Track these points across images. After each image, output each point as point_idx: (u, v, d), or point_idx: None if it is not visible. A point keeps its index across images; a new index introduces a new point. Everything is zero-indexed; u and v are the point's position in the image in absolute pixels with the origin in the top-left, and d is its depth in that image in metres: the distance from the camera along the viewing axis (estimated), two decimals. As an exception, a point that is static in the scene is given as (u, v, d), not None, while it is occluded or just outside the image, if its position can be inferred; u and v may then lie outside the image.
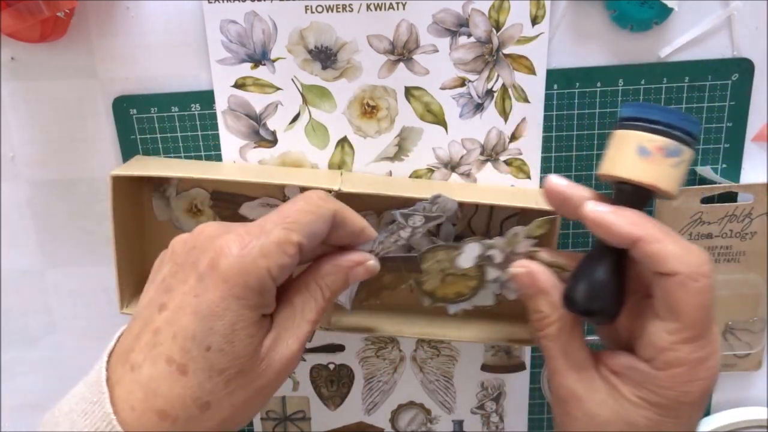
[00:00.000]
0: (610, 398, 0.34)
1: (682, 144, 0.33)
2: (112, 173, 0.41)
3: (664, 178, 0.33)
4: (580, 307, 0.35)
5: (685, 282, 0.31)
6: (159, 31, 0.43)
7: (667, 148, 0.33)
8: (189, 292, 0.30)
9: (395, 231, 0.39)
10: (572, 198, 0.35)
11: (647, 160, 0.33)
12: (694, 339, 0.32)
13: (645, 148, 0.33)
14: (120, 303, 0.44)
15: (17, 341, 0.51)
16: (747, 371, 0.49)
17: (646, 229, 0.32)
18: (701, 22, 0.42)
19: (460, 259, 0.38)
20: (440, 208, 0.39)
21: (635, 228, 0.33)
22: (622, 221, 0.33)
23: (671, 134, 0.33)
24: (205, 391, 0.29)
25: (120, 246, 0.42)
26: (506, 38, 0.42)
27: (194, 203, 0.46)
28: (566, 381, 0.36)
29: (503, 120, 0.44)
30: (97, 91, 0.44)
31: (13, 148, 0.46)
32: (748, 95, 0.43)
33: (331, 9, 0.41)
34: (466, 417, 0.52)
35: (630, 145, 0.34)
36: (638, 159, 0.33)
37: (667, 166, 0.33)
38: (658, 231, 0.32)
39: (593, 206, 0.34)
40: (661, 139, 0.33)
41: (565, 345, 0.36)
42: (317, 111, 0.44)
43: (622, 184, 0.34)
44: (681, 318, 0.32)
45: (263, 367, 0.31)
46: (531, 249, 0.38)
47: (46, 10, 0.38)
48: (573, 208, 0.35)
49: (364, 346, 0.50)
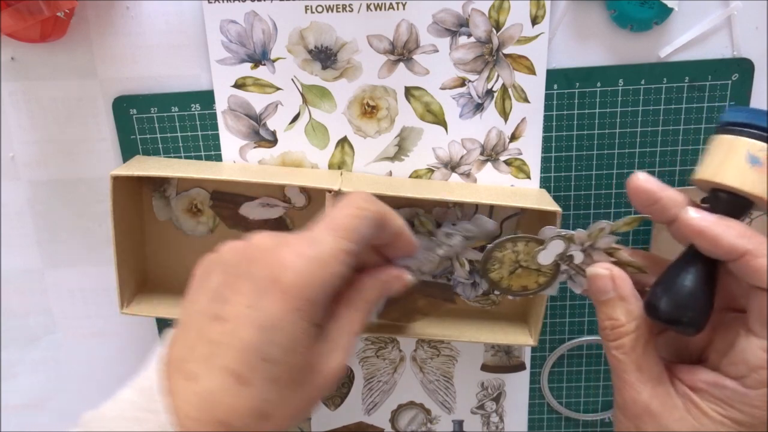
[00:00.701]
0: (689, 415, 0.33)
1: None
2: (112, 173, 0.41)
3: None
4: (665, 316, 0.33)
5: None
6: (159, 31, 0.43)
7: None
8: (249, 304, 0.30)
9: (432, 248, 0.39)
10: (664, 201, 0.33)
11: (757, 169, 0.31)
12: None
13: (756, 157, 0.31)
14: (120, 303, 0.44)
15: (17, 341, 0.51)
16: (747, 371, 0.49)
17: (752, 242, 0.31)
18: (701, 22, 0.42)
19: (542, 255, 0.37)
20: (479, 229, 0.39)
21: (743, 241, 0.31)
22: (730, 233, 0.31)
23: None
24: (264, 402, 0.30)
25: (120, 246, 0.42)
26: (506, 38, 0.42)
27: (194, 203, 0.46)
28: (641, 396, 0.34)
29: (503, 120, 0.44)
30: (97, 91, 0.44)
31: (13, 148, 0.46)
32: (748, 95, 0.43)
33: (331, 9, 0.41)
34: (466, 417, 0.52)
35: (739, 153, 0.32)
36: (748, 168, 0.32)
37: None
38: (764, 245, 0.31)
39: (695, 214, 0.32)
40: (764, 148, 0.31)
41: (640, 358, 0.34)
42: (317, 111, 0.44)
43: (720, 192, 0.33)
44: None
45: (314, 377, 0.31)
46: (612, 246, 0.36)
47: (46, 10, 0.38)
48: (663, 212, 0.33)
49: (364, 346, 0.50)
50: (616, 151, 0.45)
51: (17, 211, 0.47)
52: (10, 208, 0.47)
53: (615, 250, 0.36)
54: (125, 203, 0.43)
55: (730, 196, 0.32)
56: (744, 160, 0.32)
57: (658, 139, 0.44)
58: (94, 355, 0.51)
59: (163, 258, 0.47)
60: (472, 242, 0.38)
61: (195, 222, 0.47)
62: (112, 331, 0.50)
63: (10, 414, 0.53)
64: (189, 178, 0.44)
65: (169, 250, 0.47)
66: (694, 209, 0.33)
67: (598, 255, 0.36)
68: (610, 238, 0.36)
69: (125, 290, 0.44)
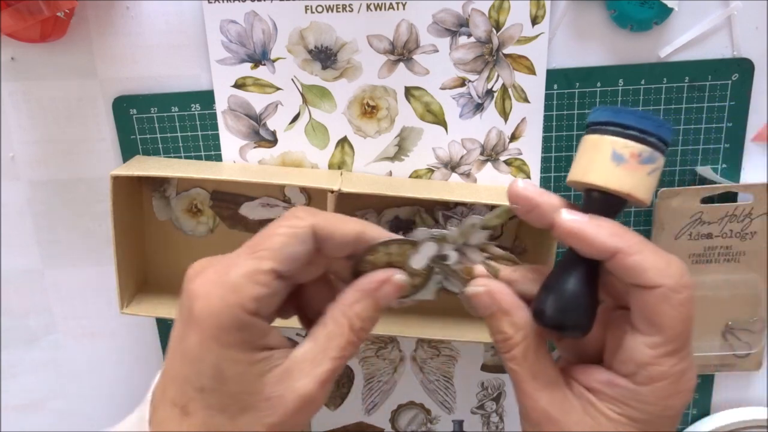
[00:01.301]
0: (587, 416, 0.33)
1: (656, 151, 0.32)
2: (112, 173, 0.41)
3: (640, 186, 0.32)
4: (551, 321, 0.33)
5: (667, 295, 0.30)
6: (159, 31, 0.43)
7: (643, 155, 0.31)
8: (177, 336, 0.30)
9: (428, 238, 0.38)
10: (542, 206, 0.33)
11: (623, 167, 0.32)
12: (676, 351, 0.31)
13: (620, 155, 0.32)
14: (120, 303, 0.43)
15: (17, 341, 0.51)
16: (747, 371, 0.49)
17: (624, 240, 0.31)
18: (701, 22, 0.42)
19: (414, 259, 0.36)
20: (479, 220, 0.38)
21: (615, 239, 0.31)
22: (602, 232, 0.31)
23: (646, 140, 0.31)
24: (210, 429, 0.30)
25: (120, 246, 0.42)
26: (506, 38, 0.42)
27: (194, 203, 0.46)
28: (538, 404, 0.34)
29: (503, 120, 0.44)
30: (97, 91, 0.44)
31: (13, 148, 0.45)
32: (748, 95, 0.43)
33: (331, 9, 0.41)
34: (466, 417, 0.52)
35: (604, 152, 0.32)
36: (613, 166, 0.32)
37: (643, 174, 0.32)
38: (638, 242, 0.31)
39: (568, 215, 0.32)
40: (636, 146, 0.31)
41: (533, 366, 0.34)
42: (317, 111, 0.44)
43: (592, 191, 0.33)
44: (664, 331, 0.31)
45: (272, 403, 0.30)
46: (484, 242, 0.36)
47: (46, 10, 0.38)
48: (542, 216, 0.33)
49: (364, 346, 0.50)
50: (616, 151, 0.45)
51: (17, 211, 0.47)
52: (10, 208, 0.47)
53: (487, 246, 0.36)
54: (125, 203, 0.43)
55: (601, 195, 0.32)
56: (609, 159, 0.32)
57: (658, 139, 0.44)
58: (94, 355, 0.51)
59: (163, 258, 0.47)
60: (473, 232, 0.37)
61: (195, 222, 0.47)
62: (112, 331, 0.50)
63: (10, 414, 0.53)
64: (189, 178, 0.44)
65: (169, 250, 0.47)
66: (568, 211, 0.32)
67: (471, 253, 0.36)
68: (482, 233, 0.36)
69: (125, 290, 0.44)
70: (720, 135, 0.44)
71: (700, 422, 0.51)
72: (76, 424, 0.53)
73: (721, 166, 0.45)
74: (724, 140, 0.44)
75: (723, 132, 0.44)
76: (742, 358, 0.48)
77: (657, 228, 0.45)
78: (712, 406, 0.51)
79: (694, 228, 0.45)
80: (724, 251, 0.45)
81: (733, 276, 0.46)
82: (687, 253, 0.45)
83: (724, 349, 0.48)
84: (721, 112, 0.44)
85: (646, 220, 0.46)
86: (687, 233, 0.45)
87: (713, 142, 0.45)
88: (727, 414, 0.50)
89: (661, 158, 0.32)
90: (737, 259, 0.46)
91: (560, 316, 0.33)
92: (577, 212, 0.32)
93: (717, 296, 0.46)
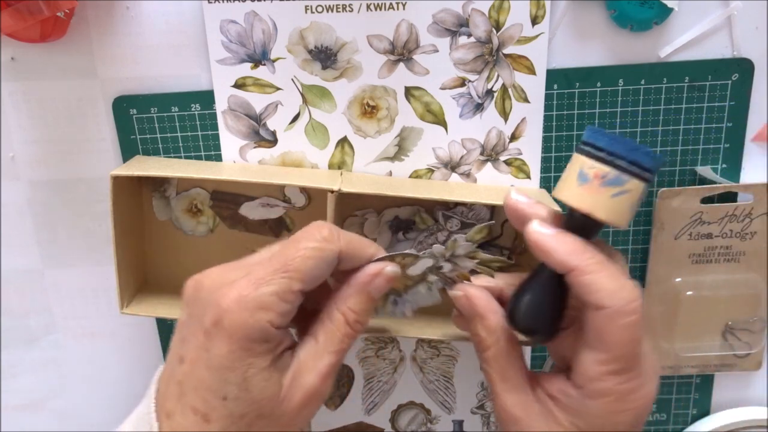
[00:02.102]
0: (545, 422, 0.35)
1: (625, 174, 0.32)
2: (112, 173, 0.41)
3: (601, 207, 0.32)
4: (517, 325, 0.35)
5: (613, 316, 0.32)
6: (159, 31, 0.43)
7: (607, 177, 0.32)
8: (200, 346, 0.31)
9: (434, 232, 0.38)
10: (528, 216, 0.35)
11: (584, 186, 0.33)
12: (622, 371, 0.32)
13: (585, 175, 0.33)
14: (120, 303, 0.43)
15: (17, 341, 0.51)
16: (747, 371, 0.49)
17: (581, 259, 0.32)
18: (701, 22, 0.42)
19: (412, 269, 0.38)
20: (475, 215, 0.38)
21: (571, 257, 0.33)
22: (561, 248, 0.33)
23: (613, 163, 0.32)
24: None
25: (120, 246, 0.42)
26: (506, 38, 0.42)
27: (194, 203, 0.46)
28: (505, 404, 0.36)
29: (503, 120, 0.44)
30: (97, 91, 0.44)
31: (13, 148, 0.46)
32: (748, 95, 0.43)
33: (331, 9, 0.41)
34: (466, 417, 0.52)
35: (574, 170, 0.33)
36: (577, 185, 0.33)
37: (604, 195, 0.32)
38: (595, 263, 0.32)
39: (537, 227, 0.34)
40: (599, 167, 0.32)
41: (503, 368, 0.36)
42: (317, 111, 0.44)
43: (572, 208, 0.34)
44: (609, 350, 0.32)
45: (285, 405, 0.32)
46: (471, 250, 0.37)
47: (46, 10, 0.38)
48: None
49: (364, 346, 0.50)
50: (616, 151, 0.45)
51: (17, 211, 0.47)
52: (10, 208, 0.47)
53: (476, 253, 0.37)
54: (125, 203, 0.43)
55: (577, 212, 0.33)
56: (575, 177, 0.33)
57: (658, 139, 0.44)
58: (94, 355, 0.51)
59: (163, 258, 0.47)
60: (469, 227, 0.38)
61: (195, 222, 0.47)
62: (112, 331, 0.50)
63: (10, 414, 0.53)
64: (189, 178, 0.44)
65: (169, 250, 0.47)
66: (539, 223, 0.34)
67: (461, 261, 0.37)
68: (467, 245, 0.37)
69: (125, 290, 0.44)
70: (720, 135, 0.44)
71: (700, 422, 0.51)
72: (76, 424, 0.53)
73: (721, 166, 0.45)
74: (724, 140, 0.44)
75: (723, 132, 0.44)
76: (742, 358, 0.48)
77: (657, 228, 0.45)
78: (712, 406, 0.51)
79: (694, 228, 0.45)
80: (724, 251, 0.45)
81: (733, 276, 0.46)
82: (687, 253, 0.45)
83: (724, 349, 0.48)
84: (721, 112, 0.44)
85: (646, 221, 0.46)
86: (687, 233, 0.45)
87: (713, 142, 0.45)
88: (727, 414, 0.50)
89: (632, 182, 0.32)
90: (737, 259, 0.46)
91: (525, 321, 0.35)
92: (547, 226, 0.34)
93: (717, 296, 0.46)
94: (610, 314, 0.32)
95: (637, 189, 0.33)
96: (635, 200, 0.33)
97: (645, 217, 0.46)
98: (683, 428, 0.52)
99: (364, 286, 0.35)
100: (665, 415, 0.51)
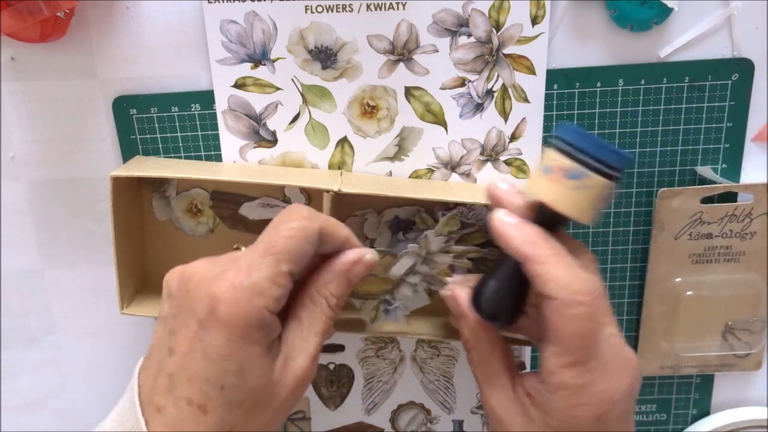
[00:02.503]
0: (522, 420, 0.35)
1: (587, 169, 0.33)
2: (111, 174, 0.41)
3: (560, 199, 0.33)
4: (478, 309, 0.36)
5: (560, 308, 0.32)
6: (159, 31, 0.43)
7: (568, 170, 0.33)
8: (194, 337, 0.31)
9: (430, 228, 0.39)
10: (503, 204, 0.35)
11: (547, 177, 0.33)
12: (576, 364, 0.33)
13: (548, 166, 0.34)
14: (120, 303, 0.43)
15: (17, 341, 0.51)
16: (747, 371, 0.49)
17: (537, 249, 0.33)
18: (701, 22, 0.42)
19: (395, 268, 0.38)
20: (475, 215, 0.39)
21: (527, 246, 0.33)
22: (519, 237, 0.34)
23: (576, 157, 0.33)
24: (227, 425, 0.31)
25: (120, 246, 0.42)
26: (506, 38, 0.42)
27: (194, 203, 0.46)
28: (489, 404, 0.37)
29: (503, 120, 0.44)
30: (97, 91, 0.44)
31: (13, 148, 0.46)
32: (748, 95, 0.43)
33: (331, 9, 0.41)
34: (466, 417, 0.52)
35: (540, 162, 0.34)
36: (541, 176, 0.34)
37: (565, 187, 0.33)
38: (551, 254, 0.33)
39: (500, 215, 0.35)
40: (562, 159, 0.33)
41: (486, 368, 0.37)
42: (317, 111, 0.44)
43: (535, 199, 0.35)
44: (560, 342, 0.33)
45: (279, 389, 0.32)
46: (444, 246, 0.38)
47: (46, 10, 0.38)
48: None
49: (364, 346, 0.50)
50: (616, 151, 0.45)
51: (17, 211, 0.47)
52: (10, 208, 0.47)
53: (449, 248, 0.38)
54: (125, 204, 0.43)
55: (540, 204, 0.34)
56: (540, 169, 0.34)
57: (658, 139, 0.44)
58: (94, 355, 0.51)
59: (163, 258, 0.47)
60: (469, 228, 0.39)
61: (195, 222, 0.47)
62: (112, 331, 0.50)
63: (10, 414, 0.53)
64: (189, 178, 0.44)
65: (169, 250, 0.47)
66: (505, 212, 0.35)
67: (439, 257, 0.38)
68: (439, 240, 0.38)
69: (125, 291, 0.44)
70: (720, 135, 0.44)
71: (700, 422, 0.51)
72: (76, 424, 0.53)
73: (721, 166, 0.45)
74: (724, 140, 0.44)
75: (723, 132, 0.44)
76: (742, 358, 0.48)
77: (657, 228, 0.45)
78: (712, 406, 0.51)
79: (694, 228, 0.45)
80: (724, 251, 0.45)
81: (733, 276, 0.46)
82: (687, 253, 0.45)
83: (724, 349, 0.48)
84: (721, 112, 0.44)
85: (646, 221, 0.46)
86: (687, 233, 0.45)
87: (713, 142, 0.45)
88: (727, 414, 0.50)
89: (594, 177, 0.33)
90: (737, 259, 0.46)
91: (485, 306, 0.36)
92: (512, 215, 0.35)
93: (717, 296, 0.46)
94: (558, 305, 0.32)
95: (599, 185, 0.33)
96: (597, 196, 0.33)
97: (645, 217, 0.46)
98: (683, 428, 0.52)
99: (345, 273, 0.35)
100: (665, 415, 0.51)
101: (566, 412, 0.33)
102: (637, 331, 0.48)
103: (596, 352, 0.33)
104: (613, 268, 0.47)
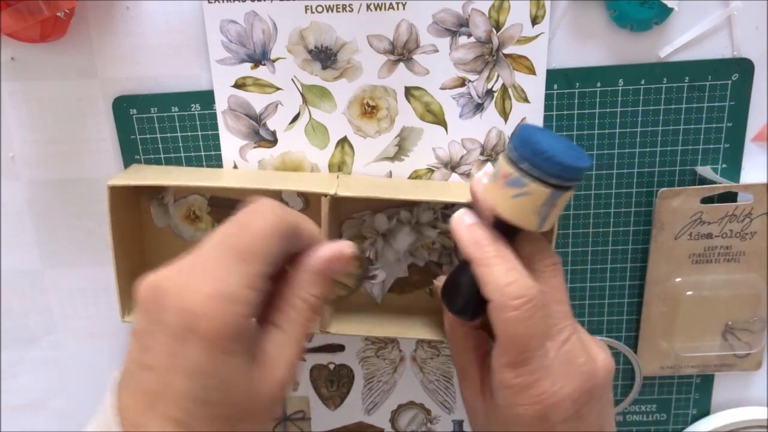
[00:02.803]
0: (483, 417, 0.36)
1: (527, 177, 0.32)
2: (109, 183, 0.40)
3: (503, 205, 0.33)
4: (447, 303, 0.37)
5: (497, 310, 0.33)
6: (159, 31, 0.43)
7: (509, 177, 0.33)
8: (171, 353, 0.29)
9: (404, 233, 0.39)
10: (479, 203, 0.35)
11: (493, 184, 0.34)
12: (515, 365, 0.33)
13: (496, 173, 0.34)
14: (121, 311, 0.43)
15: (17, 341, 0.51)
16: (747, 371, 0.49)
17: (481, 251, 0.34)
18: (701, 22, 0.42)
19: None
20: None
21: (473, 248, 0.34)
22: (468, 238, 0.34)
23: (516, 165, 0.33)
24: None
25: (120, 254, 0.42)
26: (506, 38, 0.42)
27: (192, 210, 0.46)
28: (462, 395, 0.39)
29: (503, 120, 0.44)
30: (97, 91, 0.44)
31: (13, 148, 0.46)
32: (748, 95, 0.43)
33: (331, 9, 0.41)
34: (466, 417, 0.52)
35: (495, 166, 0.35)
36: (491, 181, 0.34)
37: (505, 194, 0.33)
38: (494, 256, 0.33)
39: (459, 215, 0.35)
40: (505, 167, 0.33)
41: (459, 360, 0.38)
42: (317, 111, 0.44)
43: None
44: (499, 343, 0.34)
45: (261, 399, 0.31)
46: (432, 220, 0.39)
47: (46, 10, 0.38)
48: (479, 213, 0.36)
49: (364, 346, 0.50)
50: (616, 151, 0.45)
51: (17, 211, 0.47)
52: (10, 208, 0.47)
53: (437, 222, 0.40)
54: (124, 212, 0.43)
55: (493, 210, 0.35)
56: (491, 174, 0.35)
57: (658, 139, 0.44)
58: (94, 355, 0.51)
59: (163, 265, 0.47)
60: None
61: (194, 228, 0.47)
62: (112, 331, 0.50)
63: (10, 414, 0.53)
64: (186, 186, 0.44)
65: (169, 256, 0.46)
66: (464, 211, 0.36)
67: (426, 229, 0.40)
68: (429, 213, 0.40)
69: (125, 298, 0.43)
70: (720, 135, 0.44)
71: (700, 422, 0.51)
72: (76, 424, 0.53)
73: (721, 166, 0.45)
74: (724, 140, 0.44)
75: (723, 132, 0.44)
76: (742, 358, 0.48)
77: (657, 228, 0.45)
78: (712, 406, 0.51)
79: (694, 228, 0.45)
80: (724, 251, 0.45)
81: (733, 276, 0.46)
82: (687, 253, 0.45)
83: (724, 349, 0.48)
84: (721, 112, 0.44)
85: (646, 221, 0.46)
86: (687, 233, 0.45)
87: (713, 142, 0.45)
88: (727, 414, 0.50)
89: (532, 186, 0.32)
90: (737, 259, 0.46)
91: (447, 299, 0.37)
92: (472, 216, 0.35)
93: (717, 296, 0.46)
94: (494, 307, 0.33)
95: (539, 193, 0.33)
96: (539, 204, 0.33)
97: (645, 217, 0.46)
98: (683, 428, 0.52)
99: (323, 272, 0.33)
100: (665, 415, 0.51)
101: (509, 410, 0.34)
102: (637, 331, 0.48)
103: (539, 355, 0.33)
104: (613, 268, 0.47)
